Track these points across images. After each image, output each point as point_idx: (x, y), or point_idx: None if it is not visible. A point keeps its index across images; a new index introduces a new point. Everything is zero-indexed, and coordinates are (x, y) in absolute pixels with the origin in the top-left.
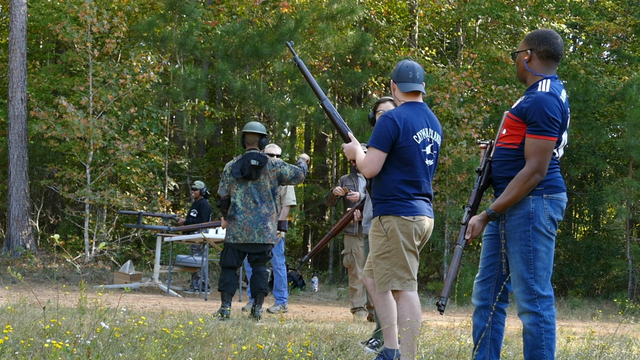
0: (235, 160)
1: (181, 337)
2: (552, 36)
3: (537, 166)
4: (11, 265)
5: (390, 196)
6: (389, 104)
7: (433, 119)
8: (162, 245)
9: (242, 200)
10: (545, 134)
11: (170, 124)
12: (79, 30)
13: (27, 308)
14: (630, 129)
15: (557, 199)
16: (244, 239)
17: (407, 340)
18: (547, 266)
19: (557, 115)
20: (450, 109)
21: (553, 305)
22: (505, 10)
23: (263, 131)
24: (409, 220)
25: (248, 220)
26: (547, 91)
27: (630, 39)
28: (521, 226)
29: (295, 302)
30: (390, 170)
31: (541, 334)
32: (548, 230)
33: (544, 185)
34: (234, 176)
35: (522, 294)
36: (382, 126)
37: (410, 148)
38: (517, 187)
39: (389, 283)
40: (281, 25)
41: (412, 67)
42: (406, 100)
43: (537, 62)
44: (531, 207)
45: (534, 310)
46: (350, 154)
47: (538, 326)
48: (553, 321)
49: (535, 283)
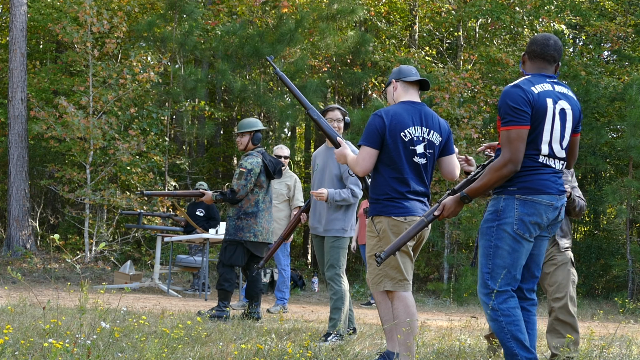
0: (259, 158)
1: (181, 337)
2: (544, 37)
3: (509, 156)
4: (11, 265)
5: (383, 195)
6: (337, 112)
7: (430, 118)
8: (162, 245)
9: (264, 199)
10: (511, 124)
11: (170, 124)
12: (79, 30)
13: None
14: (630, 129)
15: (532, 200)
16: (264, 238)
17: (405, 340)
18: (508, 265)
19: (521, 105)
20: (450, 109)
21: (512, 298)
22: (506, 13)
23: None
24: (400, 221)
25: (266, 220)
26: (512, 84)
27: (631, 39)
28: (489, 222)
29: (295, 302)
30: (382, 169)
31: (503, 327)
32: (515, 230)
33: (518, 185)
34: (270, 176)
35: (480, 287)
36: (370, 123)
37: (396, 145)
38: (489, 174)
39: (381, 283)
40: (281, 25)
41: (412, 67)
42: (405, 99)
43: (528, 63)
44: (501, 205)
45: (489, 304)
46: (342, 159)
47: (497, 322)
48: (513, 312)
49: (490, 279)
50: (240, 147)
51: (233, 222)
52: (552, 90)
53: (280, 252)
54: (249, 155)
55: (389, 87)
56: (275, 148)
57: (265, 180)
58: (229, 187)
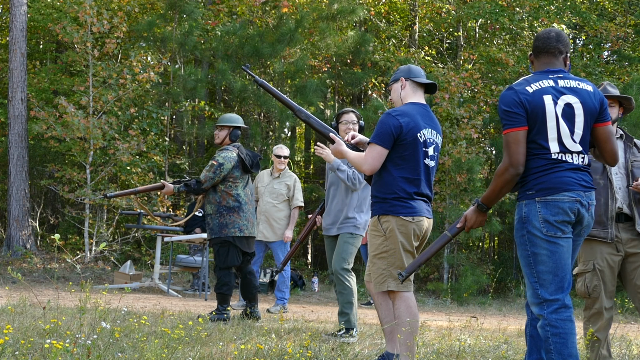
0: (234, 153)
1: (181, 337)
2: (545, 32)
3: (508, 160)
4: (11, 265)
5: (391, 195)
6: (351, 115)
7: (435, 120)
8: (162, 245)
9: (244, 192)
10: (506, 127)
11: (170, 124)
12: (79, 30)
13: (27, 308)
14: (630, 129)
15: (553, 200)
16: (249, 232)
17: (406, 340)
18: (552, 270)
19: (512, 107)
20: (450, 109)
21: (564, 308)
22: (505, 15)
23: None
24: (408, 221)
25: (250, 213)
26: (507, 87)
27: (631, 39)
28: (519, 231)
29: (295, 302)
30: (391, 168)
31: (548, 337)
32: (545, 233)
33: (535, 188)
34: (248, 171)
35: (531, 298)
36: (385, 123)
37: (412, 146)
38: (494, 181)
39: (384, 283)
40: (281, 25)
41: (420, 69)
42: (413, 100)
43: (535, 62)
44: (524, 211)
45: (540, 314)
46: (338, 155)
47: (544, 330)
48: (562, 325)
49: (540, 287)
50: (217, 141)
51: (216, 219)
52: (552, 87)
53: (281, 252)
54: (223, 150)
55: (395, 84)
56: (275, 148)
57: (240, 175)
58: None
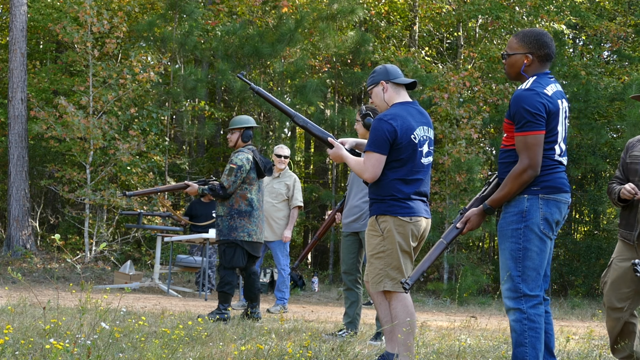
0: (250, 155)
1: (181, 338)
2: (549, 38)
3: (528, 162)
4: (11, 265)
5: (388, 196)
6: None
7: (425, 114)
8: (162, 245)
9: (257, 197)
10: (528, 129)
11: (171, 124)
12: (79, 30)
13: (27, 308)
14: (630, 129)
15: (555, 199)
16: (257, 237)
17: (405, 340)
18: (537, 267)
19: (538, 109)
20: (449, 109)
21: (540, 305)
22: (505, 11)
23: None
24: (405, 221)
25: (260, 219)
26: (525, 88)
27: (630, 39)
28: (513, 224)
29: (295, 302)
30: (387, 172)
31: (524, 331)
32: (541, 230)
33: (541, 185)
34: (262, 175)
35: (508, 292)
36: (379, 129)
37: (407, 148)
38: (510, 182)
39: (381, 283)
40: (281, 25)
41: (396, 67)
42: (399, 100)
43: (536, 65)
44: (525, 205)
45: (518, 307)
46: (337, 160)
47: (521, 323)
48: (539, 320)
49: (521, 282)
50: (230, 144)
51: (226, 222)
52: (560, 90)
53: (280, 252)
54: (239, 152)
55: (376, 87)
56: (276, 148)
57: (255, 177)
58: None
